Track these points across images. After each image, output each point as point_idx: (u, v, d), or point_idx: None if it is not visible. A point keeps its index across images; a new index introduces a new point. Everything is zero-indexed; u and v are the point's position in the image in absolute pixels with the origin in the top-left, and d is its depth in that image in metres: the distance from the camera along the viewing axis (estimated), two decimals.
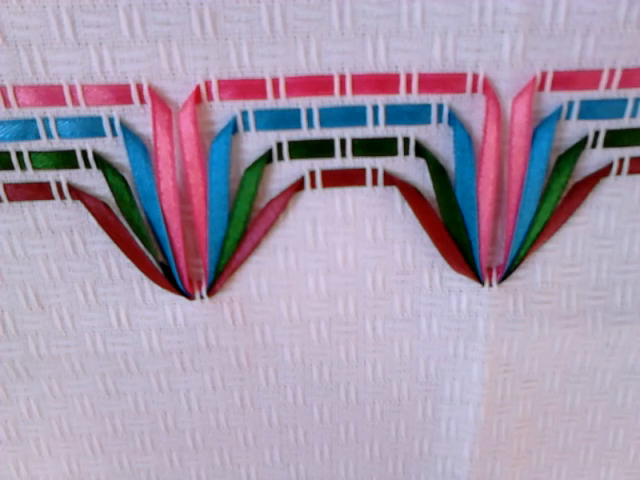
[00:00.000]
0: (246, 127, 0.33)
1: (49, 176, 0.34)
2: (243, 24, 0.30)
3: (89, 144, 0.33)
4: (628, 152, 0.35)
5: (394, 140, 0.34)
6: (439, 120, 0.33)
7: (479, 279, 0.37)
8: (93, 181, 0.34)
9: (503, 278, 0.37)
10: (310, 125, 0.33)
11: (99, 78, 0.31)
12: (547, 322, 0.40)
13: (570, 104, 0.33)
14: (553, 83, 0.32)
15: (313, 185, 0.35)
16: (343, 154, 0.34)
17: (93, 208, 0.34)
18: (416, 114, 0.33)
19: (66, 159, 0.33)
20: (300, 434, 0.45)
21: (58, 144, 0.33)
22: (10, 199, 0.34)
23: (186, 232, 0.35)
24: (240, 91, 0.32)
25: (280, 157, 0.34)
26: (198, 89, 0.32)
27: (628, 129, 0.34)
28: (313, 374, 0.42)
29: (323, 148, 0.34)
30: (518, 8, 0.30)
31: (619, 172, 0.36)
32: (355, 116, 0.33)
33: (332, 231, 0.37)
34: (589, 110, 0.33)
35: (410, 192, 0.35)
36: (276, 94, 0.32)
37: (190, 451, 0.45)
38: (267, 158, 0.34)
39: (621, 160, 0.35)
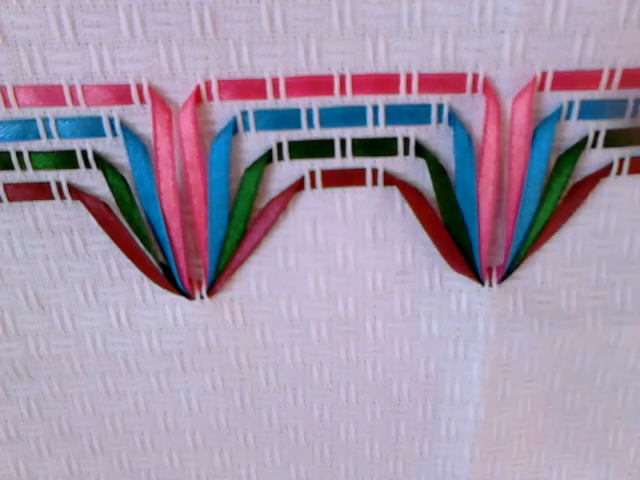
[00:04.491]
0: (246, 127, 0.33)
1: (49, 176, 0.34)
2: (243, 24, 0.30)
3: (89, 144, 0.33)
4: (628, 152, 0.35)
5: (394, 140, 0.34)
6: (439, 120, 0.33)
7: (479, 279, 0.37)
8: (93, 181, 0.34)
9: (503, 278, 0.37)
10: (310, 125, 0.33)
11: (99, 78, 0.31)
12: (547, 322, 0.40)
13: (570, 104, 0.33)
14: (553, 83, 0.32)
15: (313, 185, 0.35)
16: (343, 154, 0.34)
17: (93, 208, 0.34)
18: (416, 114, 0.33)
19: (66, 159, 0.33)
20: (300, 434, 0.45)
21: (58, 144, 0.33)
22: (10, 199, 0.34)
23: (186, 232, 0.35)
24: (240, 91, 0.32)
25: (280, 157, 0.34)
26: (198, 89, 0.32)
27: (628, 129, 0.34)
28: (313, 374, 0.42)
29: (323, 148, 0.34)
30: (518, 8, 0.30)
31: (619, 172, 0.36)
32: (355, 116, 0.33)
33: (332, 231, 0.37)
34: (589, 110, 0.33)
35: (410, 192, 0.35)
36: (276, 94, 0.32)
37: (190, 451, 0.45)
38: (267, 158, 0.34)
39: (621, 160, 0.35)
